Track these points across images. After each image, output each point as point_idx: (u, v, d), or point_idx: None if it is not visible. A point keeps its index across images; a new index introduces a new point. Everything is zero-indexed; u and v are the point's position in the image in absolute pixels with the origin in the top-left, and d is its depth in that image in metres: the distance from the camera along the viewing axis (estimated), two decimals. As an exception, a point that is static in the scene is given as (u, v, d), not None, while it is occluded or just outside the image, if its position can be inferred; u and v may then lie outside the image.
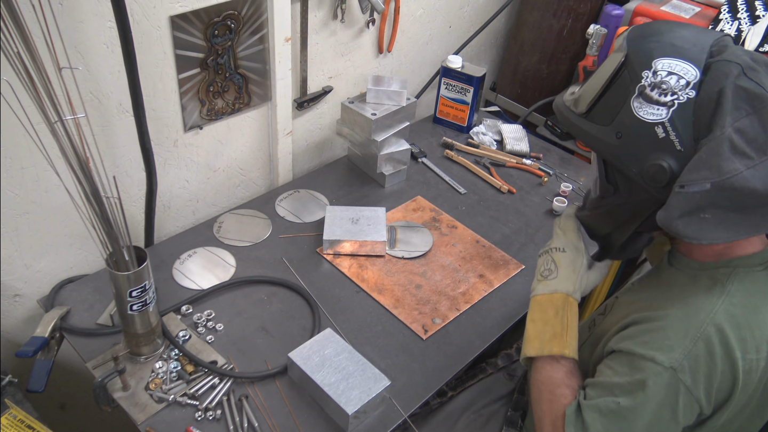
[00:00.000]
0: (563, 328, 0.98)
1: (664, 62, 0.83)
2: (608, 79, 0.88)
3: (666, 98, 0.82)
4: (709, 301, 0.84)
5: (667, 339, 0.83)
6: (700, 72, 0.81)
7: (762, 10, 1.58)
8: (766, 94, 0.78)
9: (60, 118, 0.85)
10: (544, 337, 0.97)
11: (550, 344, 0.96)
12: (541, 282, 1.03)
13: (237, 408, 1.05)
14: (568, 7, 1.81)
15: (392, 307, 1.26)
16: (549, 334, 0.97)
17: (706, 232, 0.79)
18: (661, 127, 0.83)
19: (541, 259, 1.06)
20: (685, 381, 0.81)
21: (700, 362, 0.81)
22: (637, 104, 0.84)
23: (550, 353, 0.96)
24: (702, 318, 0.82)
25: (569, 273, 1.01)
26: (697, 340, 0.81)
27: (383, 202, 1.54)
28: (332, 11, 1.49)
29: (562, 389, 0.93)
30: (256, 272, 1.30)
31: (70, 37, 1.05)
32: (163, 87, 1.24)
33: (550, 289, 1.01)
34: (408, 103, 1.54)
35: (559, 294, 1.00)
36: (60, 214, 1.21)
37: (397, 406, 1.08)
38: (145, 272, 1.00)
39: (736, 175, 0.76)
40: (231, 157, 1.48)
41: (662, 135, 0.83)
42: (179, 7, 1.17)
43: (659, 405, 0.82)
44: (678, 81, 0.82)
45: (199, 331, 1.17)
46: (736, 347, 0.81)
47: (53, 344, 1.11)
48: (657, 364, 0.81)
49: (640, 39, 0.87)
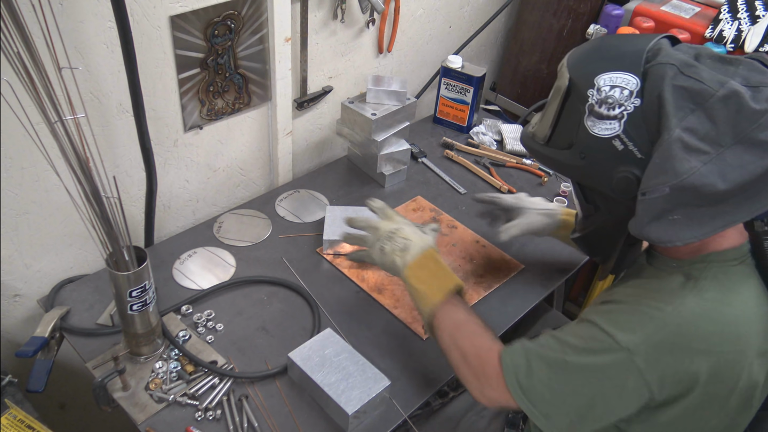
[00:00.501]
0: (448, 269, 1.07)
1: (605, 77, 0.85)
2: (558, 106, 0.91)
3: (615, 111, 0.84)
4: (680, 293, 0.84)
5: (631, 322, 0.84)
6: (640, 79, 0.83)
7: (762, 10, 1.58)
8: (707, 87, 0.78)
9: (60, 118, 0.85)
10: (440, 284, 1.04)
11: (447, 283, 1.04)
12: (404, 254, 1.07)
13: (237, 408, 1.05)
14: (568, 7, 1.81)
15: (392, 307, 1.26)
16: (442, 278, 1.05)
17: (678, 233, 0.80)
18: (618, 140, 0.85)
19: (386, 248, 1.09)
20: (638, 364, 0.81)
21: (660, 350, 0.81)
22: (591, 123, 0.87)
23: (454, 288, 1.03)
24: (670, 309, 0.82)
25: (420, 236, 1.09)
26: (660, 329, 0.81)
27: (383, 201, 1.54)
28: (332, 11, 1.49)
29: (470, 326, 0.99)
30: (256, 272, 1.30)
31: (70, 37, 1.05)
32: (163, 87, 1.24)
33: (417, 251, 1.07)
34: (408, 103, 1.54)
35: (428, 250, 1.07)
36: (60, 214, 1.21)
37: (397, 406, 1.08)
38: (145, 272, 1.00)
39: (694, 173, 0.77)
40: (231, 157, 1.48)
41: (621, 147, 0.85)
42: (179, 7, 1.17)
43: (607, 378, 0.83)
44: (622, 93, 0.84)
45: (199, 331, 1.17)
46: (701, 340, 0.81)
47: (53, 344, 1.11)
48: (615, 342, 0.82)
49: (580, 61, 0.90)
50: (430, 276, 1.05)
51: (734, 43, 1.59)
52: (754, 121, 0.76)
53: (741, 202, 0.78)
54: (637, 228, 0.83)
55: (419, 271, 1.06)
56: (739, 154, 0.77)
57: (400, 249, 1.08)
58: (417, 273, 1.06)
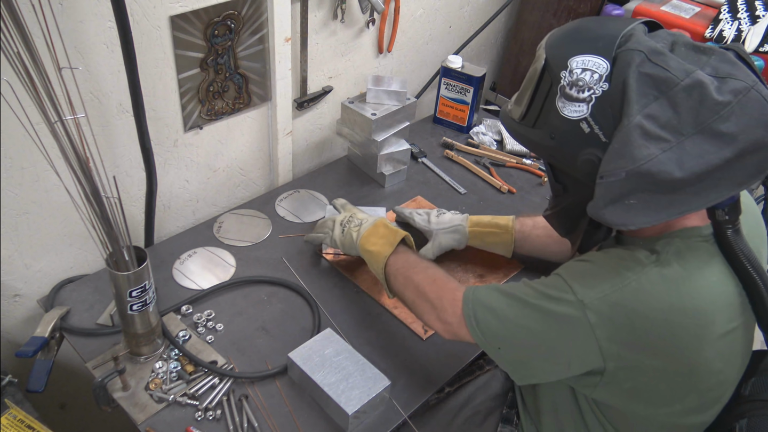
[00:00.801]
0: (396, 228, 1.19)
1: (578, 60, 0.85)
2: (534, 85, 0.93)
3: (584, 94, 0.85)
4: (643, 263, 0.86)
5: (592, 278, 0.86)
6: (610, 64, 0.84)
7: (762, 10, 1.58)
8: (672, 76, 0.79)
9: (60, 118, 0.85)
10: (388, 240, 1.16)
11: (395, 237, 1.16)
12: (360, 228, 1.21)
13: (237, 408, 1.05)
14: (568, 7, 1.81)
15: (392, 307, 1.26)
16: (390, 236, 1.17)
17: (632, 217, 0.82)
18: (585, 122, 0.86)
19: (345, 230, 1.24)
20: (590, 318, 0.83)
21: (615, 311, 0.83)
22: (561, 104, 0.88)
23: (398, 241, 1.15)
24: (631, 275, 0.84)
25: (373, 216, 1.24)
26: (618, 290, 0.83)
27: (383, 202, 1.55)
28: (332, 11, 1.49)
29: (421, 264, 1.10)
30: (256, 272, 1.30)
31: (70, 37, 1.05)
32: (163, 87, 1.24)
33: (369, 223, 1.21)
34: (408, 103, 1.54)
35: (378, 219, 1.22)
36: (60, 214, 1.21)
37: (397, 406, 1.08)
38: (145, 272, 1.00)
39: (651, 160, 0.78)
40: (231, 157, 1.48)
41: (587, 130, 0.86)
42: (179, 7, 1.17)
43: (557, 325, 0.86)
44: (592, 76, 0.85)
45: (199, 331, 1.17)
46: (660, 310, 0.82)
47: (53, 344, 1.11)
48: (572, 293, 0.85)
49: (556, 42, 0.91)
50: (380, 237, 1.17)
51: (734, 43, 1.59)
52: (716, 112, 0.77)
53: (698, 192, 0.80)
54: (595, 210, 0.85)
55: (371, 237, 1.18)
56: (698, 144, 0.78)
57: (355, 225, 1.22)
58: (369, 239, 1.18)
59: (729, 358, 0.89)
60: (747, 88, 0.78)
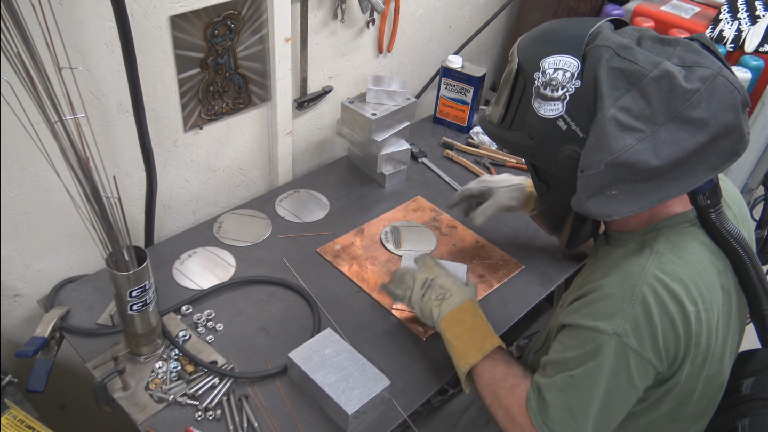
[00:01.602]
0: (485, 324, 1.05)
1: (550, 60, 0.88)
2: (509, 89, 0.95)
3: (558, 93, 0.88)
4: (638, 263, 0.86)
5: (606, 307, 0.85)
6: (580, 62, 0.86)
7: (762, 10, 1.58)
8: (641, 68, 0.82)
9: (60, 118, 0.85)
10: (477, 342, 1.02)
11: (486, 342, 1.02)
12: (442, 304, 1.07)
13: (237, 408, 1.05)
14: (568, 7, 1.81)
15: (392, 307, 1.26)
16: (479, 336, 1.03)
17: (615, 207, 0.84)
18: (561, 120, 0.89)
19: (425, 297, 1.09)
20: (631, 345, 0.83)
21: (641, 323, 0.82)
22: (537, 104, 0.90)
23: (490, 349, 1.01)
24: (634, 281, 0.84)
25: (459, 286, 1.09)
26: (633, 303, 0.83)
27: (383, 202, 1.55)
28: (332, 11, 1.49)
29: (510, 379, 0.98)
30: (256, 272, 1.30)
31: (70, 37, 1.05)
32: (163, 87, 1.24)
33: (454, 303, 1.06)
34: (408, 103, 1.54)
35: (466, 302, 1.06)
36: (60, 214, 1.21)
37: (397, 406, 1.08)
38: (145, 272, 1.00)
39: (628, 150, 0.80)
40: (231, 157, 1.48)
41: (565, 127, 0.89)
42: (179, 7, 1.17)
43: (612, 371, 0.84)
44: (564, 75, 0.87)
45: (199, 331, 1.17)
46: (672, 302, 0.82)
47: (53, 344, 1.11)
48: (602, 333, 0.84)
49: (527, 45, 0.93)
50: (466, 331, 1.04)
51: (734, 43, 1.59)
52: (686, 99, 0.80)
53: (677, 177, 0.82)
54: (578, 204, 0.87)
55: (456, 326, 1.05)
56: (672, 132, 0.80)
57: (436, 298, 1.08)
58: (454, 328, 1.05)
59: (726, 340, 0.90)
60: (714, 74, 0.81)
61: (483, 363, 1.01)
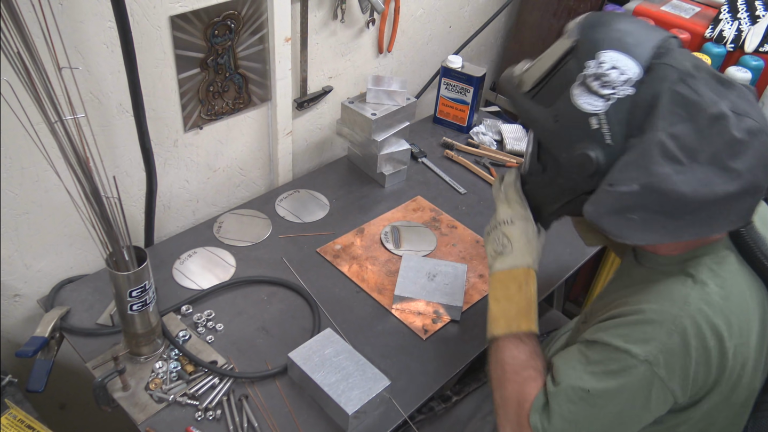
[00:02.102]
0: (528, 303, 0.97)
1: (610, 55, 0.83)
2: (554, 63, 0.89)
3: (605, 91, 0.83)
4: (681, 292, 0.84)
5: (643, 333, 0.82)
6: (642, 71, 0.82)
7: (762, 10, 1.58)
8: (702, 102, 0.79)
9: (60, 118, 0.85)
10: (509, 315, 0.97)
11: (516, 321, 0.96)
12: (497, 258, 1.01)
13: (237, 408, 1.05)
14: (568, 7, 1.81)
15: (392, 307, 1.26)
16: (514, 311, 0.97)
17: (630, 233, 0.81)
18: (595, 118, 0.84)
19: (490, 237, 1.04)
20: (659, 374, 0.80)
21: (676, 355, 0.80)
22: (577, 92, 0.85)
23: (517, 330, 0.96)
24: (676, 311, 0.82)
25: (524, 245, 1.00)
26: (672, 333, 0.80)
27: (383, 202, 1.55)
28: (332, 11, 1.49)
29: (528, 371, 0.93)
30: (256, 272, 1.30)
31: (70, 37, 1.05)
32: (163, 87, 1.24)
33: (508, 264, 0.99)
34: (408, 103, 1.54)
35: (519, 269, 0.99)
36: (60, 214, 1.21)
37: (397, 406, 1.08)
38: (145, 272, 1.00)
39: (666, 179, 0.77)
40: (231, 157, 1.48)
41: (595, 126, 0.84)
42: (179, 7, 1.17)
43: (631, 395, 0.82)
44: (619, 76, 0.83)
45: (199, 331, 1.17)
46: (712, 337, 0.81)
47: (53, 344, 1.11)
48: (632, 357, 0.81)
49: (592, 28, 0.87)
50: (505, 299, 0.98)
51: (734, 43, 1.59)
52: (731, 147, 0.77)
53: (693, 223, 0.80)
54: (594, 215, 0.83)
55: (499, 287, 1.00)
56: (708, 174, 0.78)
57: (494, 249, 1.02)
58: (496, 287, 1.00)
59: (757, 368, 0.88)
60: (760, 129, 0.78)
61: (506, 340, 0.96)
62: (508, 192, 1.04)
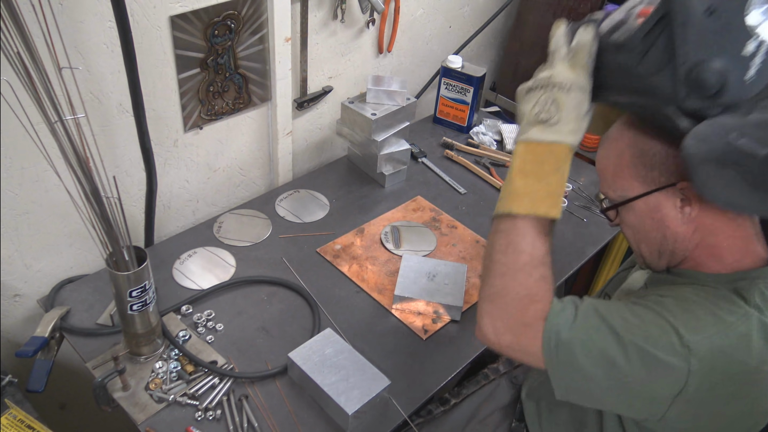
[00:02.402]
0: (560, 188, 0.83)
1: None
2: None
3: None
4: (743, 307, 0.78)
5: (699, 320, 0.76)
6: None
7: (762, 10, 1.58)
8: None
9: (60, 118, 0.85)
10: (537, 195, 0.83)
11: (545, 204, 0.83)
12: (538, 126, 0.83)
13: (237, 408, 1.05)
14: (568, 7, 1.81)
15: (392, 307, 1.26)
16: (543, 191, 0.83)
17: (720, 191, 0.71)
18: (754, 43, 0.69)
19: (533, 96, 0.85)
20: (692, 365, 0.74)
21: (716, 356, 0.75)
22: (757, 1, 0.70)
23: (544, 215, 0.83)
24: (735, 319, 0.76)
25: (573, 119, 0.82)
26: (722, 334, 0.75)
27: (383, 202, 1.55)
28: (332, 11, 1.49)
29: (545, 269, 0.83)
30: (256, 272, 1.30)
31: (70, 37, 1.05)
32: (163, 87, 1.24)
33: (551, 137, 0.82)
34: (408, 103, 1.54)
35: (563, 145, 0.82)
36: (60, 214, 1.21)
37: (397, 406, 1.08)
38: (145, 272, 1.00)
39: None
40: (231, 157, 1.48)
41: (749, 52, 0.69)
42: (179, 7, 1.17)
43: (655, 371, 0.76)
44: None
45: (199, 331, 1.17)
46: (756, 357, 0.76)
47: (53, 344, 1.11)
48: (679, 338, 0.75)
49: None
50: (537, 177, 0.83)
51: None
52: None
53: None
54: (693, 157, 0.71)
55: (533, 159, 0.83)
56: None
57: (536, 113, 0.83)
58: (528, 158, 0.83)
59: None
60: None
61: (527, 223, 0.83)
62: (579, 53, 0.83)
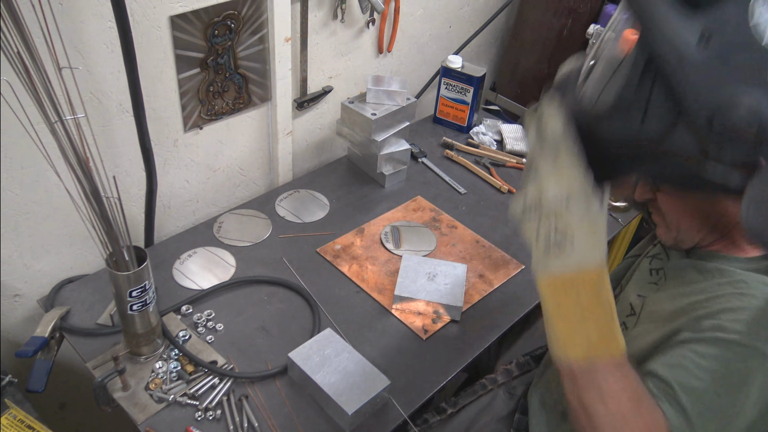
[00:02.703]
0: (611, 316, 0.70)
1: None
2: None
3: None
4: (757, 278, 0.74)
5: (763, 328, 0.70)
6: None
7: (762, 10, 1.58)
8: None
9: (60, 118, 0.85)
10: (590, 336, 0.70)
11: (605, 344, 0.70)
12: (552, 255, 0.70)
13: (237, 408, 1.05)
14: (568, 7, 1.81)
15: (392, 307, 1.26)
16: (594, 331, 0.70)
17: None
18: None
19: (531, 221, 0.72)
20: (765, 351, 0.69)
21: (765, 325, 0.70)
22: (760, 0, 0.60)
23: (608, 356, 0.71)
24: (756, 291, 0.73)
25: (587, 233, 0.68)
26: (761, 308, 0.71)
27: (383, 202, 1.55)
28: (332, 11, 1.49)
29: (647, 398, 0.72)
30: (256, 272, 1.30)
31: (70, 37, 1.05)
32: (163, 87, 1.24)
33: (573, 265, 0.69)
34: (408, 103, 1.54)
35: (590, 270, 0.69)
36: (60, 214, 1.21)
37: (397, 406, 1.08)
38: (145, 272, 1.00)
39: None
40: (231, 157, 1.48)
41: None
42: (179, 7, 1.17)
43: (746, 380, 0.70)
44: None
45: (199, 331, 1.17)
46: None
47: (53, 344, 1.11)
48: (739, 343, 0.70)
49: None
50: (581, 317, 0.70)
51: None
52: None
53: None
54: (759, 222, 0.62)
55: (566, 296, 0.70)
56: None
57: (543, 241, 0.70)
58: (560, 296, 0.71)
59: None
60: None
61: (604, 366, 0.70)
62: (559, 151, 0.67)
